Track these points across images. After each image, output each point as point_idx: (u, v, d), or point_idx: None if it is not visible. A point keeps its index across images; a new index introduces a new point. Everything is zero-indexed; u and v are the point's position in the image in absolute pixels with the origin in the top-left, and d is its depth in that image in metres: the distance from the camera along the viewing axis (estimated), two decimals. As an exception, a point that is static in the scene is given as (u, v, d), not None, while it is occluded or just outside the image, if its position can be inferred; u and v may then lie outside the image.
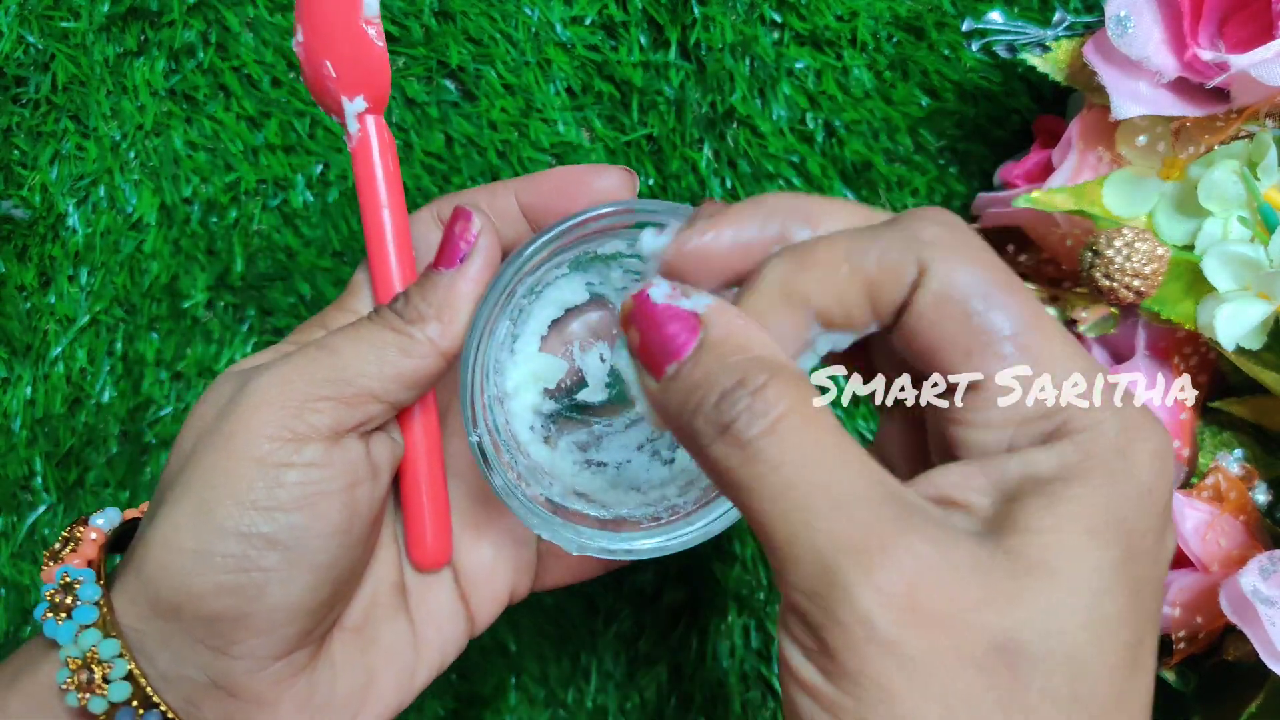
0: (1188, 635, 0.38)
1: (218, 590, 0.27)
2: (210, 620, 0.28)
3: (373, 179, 0.30)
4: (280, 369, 0.28)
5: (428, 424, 0.31)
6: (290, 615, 0.28)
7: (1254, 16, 0.36)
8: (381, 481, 0.30)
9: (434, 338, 0.29)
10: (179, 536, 0.27)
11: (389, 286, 0.31)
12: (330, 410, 0.28)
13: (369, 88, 0.30)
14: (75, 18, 0.45)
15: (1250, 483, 0.38)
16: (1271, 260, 0.36)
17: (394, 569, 0.32)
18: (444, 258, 0.30)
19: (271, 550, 0.27)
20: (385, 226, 0.30)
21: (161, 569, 0.28)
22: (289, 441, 0.28)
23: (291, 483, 0.27)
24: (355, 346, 0.29)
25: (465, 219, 0.30)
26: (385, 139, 0.30)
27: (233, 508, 0.27)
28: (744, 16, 0.46)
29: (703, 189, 0.46)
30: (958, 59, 0.46)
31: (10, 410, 0.45)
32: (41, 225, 0.45)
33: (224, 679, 0.28)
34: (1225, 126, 0.37)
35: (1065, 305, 0.40)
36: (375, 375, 0.28)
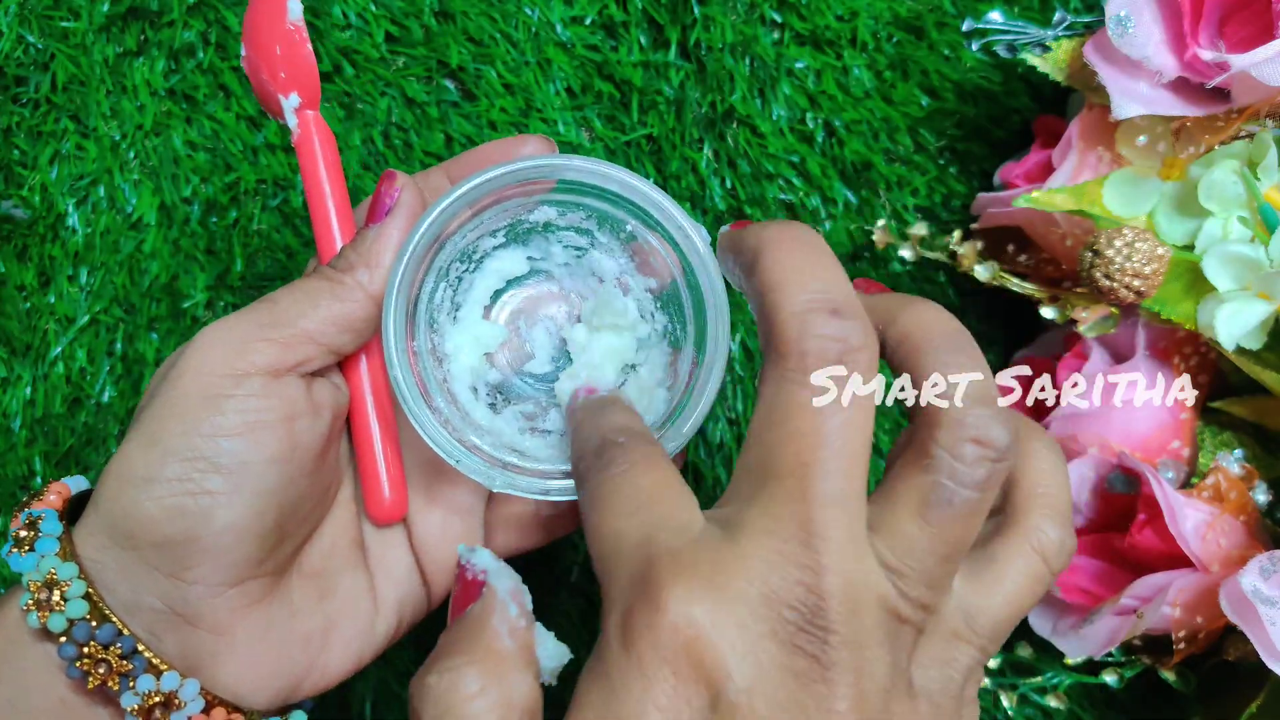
0: (1188, 635, 0.38)
1: (166, 514, 0.29)
2: (162, 545, 0.30)
3: (315, 166, 0.34)
4: (225, 319, 0.31)
5: (375, 379, 0.34)
6: (237, 538, 0.30)
7: (1254, 16, 0.36)
8: (323, 418, 0.32)
9: (363, 281, 0.32)
10: (130, 466, 0.30)
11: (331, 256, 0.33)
12: (269, 349, 0.31)
13: (300, 85, 0.33)
14: (75, 18, 0.45)
15: (1250, 483, 0.38)
16: (1271, 260, 0.36)
17: (353, 525, 0.35)
18: (372, 215, 0.33)
19: (215, 473, 0.30)
20: (329, 209, 0.34)
21: (115, 498, 0.30)
22: (229, 376, 0.30)
23: (232, 410, 0.30)
24: (292, 295, 0.32)
25: (389, 179, 0.33)
26: (323, 131, 0.34)
27: (178, 435, 0.30)
28: (744, 16, 0.46)
29: (703, 189, 0.46)
30: (958, 59, 0.46)
31: (10, 410, 0.45)
32: (41, 225, 0.45)
33: (181, 605, 0.30)
34: (1225, 126, 0.37)
35: (1065, 305, 0.40)
36: (310, 317, 0.31)
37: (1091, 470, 0.40)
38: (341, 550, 0.34)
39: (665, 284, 0.34)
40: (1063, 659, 0.40)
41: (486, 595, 0.26)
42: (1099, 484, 0.40)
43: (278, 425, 0.30)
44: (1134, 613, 0.38)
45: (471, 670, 0.24)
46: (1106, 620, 0.38)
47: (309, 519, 0.33)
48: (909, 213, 0.46)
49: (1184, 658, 0.38)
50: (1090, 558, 0.40)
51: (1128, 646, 0.40)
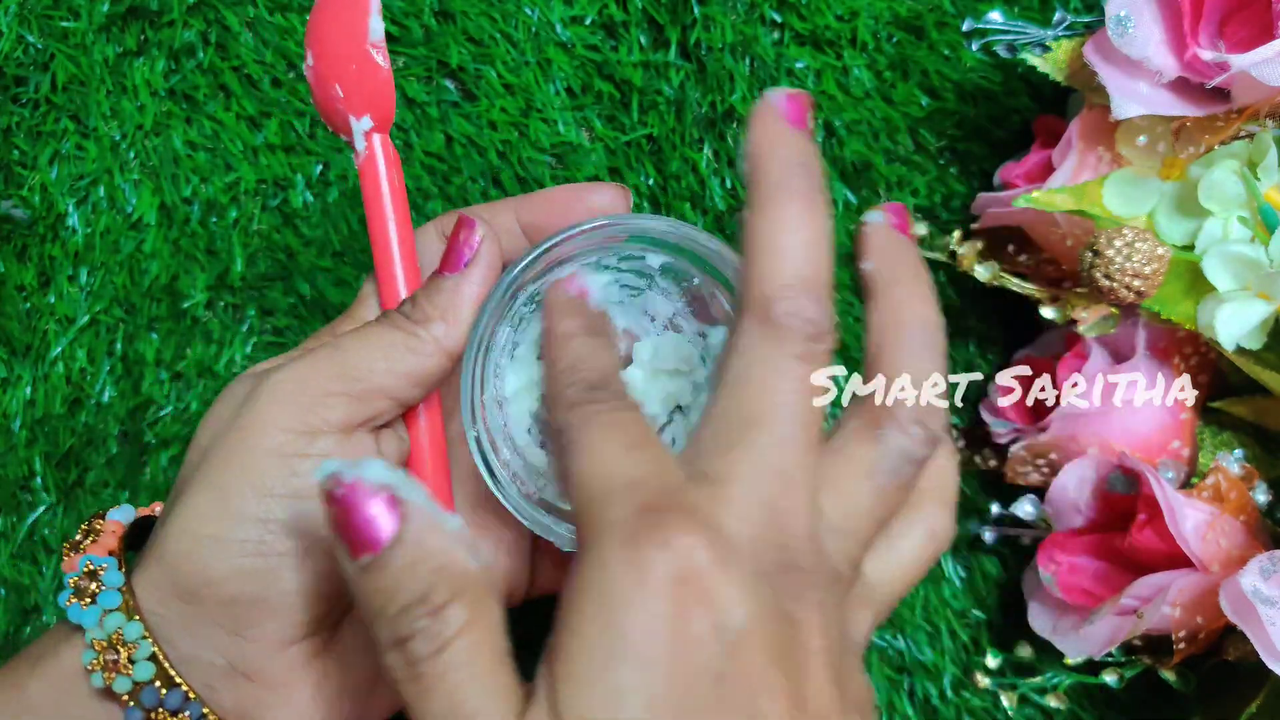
0: (1188, 635, 0.38)
1: (236, 574, 0.29)
2: (228, 604, 0.29)
3: (379, 194, 0.32)
4: (294, 367, 0.30)
5: (433, 424, 0.32)
6: (304, 599, 0.29)
7: (1254, 16, 0.36)
8: None
9: (439, 337, 0.30)
10: (199, 523, 0.29)
11: (395, 294, 0.32)
12: (342, 405, 0.29)
13: (375, 108, 0.31)
14: (75, 17, 0.45)
15: (1250, 483, 0.38)
16: (1271, 260, 0.36)
17: None
18: (448, 263, 0.31)
19: (287, 536, 0.29)
20: (391, 239, 0.32)
21: (182, 554, 0.29)
22: (303, 434, 0.29)
23: (306, 472, 0.29)
24: (365, 345, 0.30)
25: (469, 227, 0.32)
26: (390, 155, 0.32)
27: (250, 495, 0.29)
28: (744, 16, 0.46)
29: (703, 189, 0.46)
30: (958, 59, 0.46)
31: (10, 410, 0.45)
32: (41, 225, 0.45)
33: (241, 662, 0.29)
34: (1225, 126, 0.37)
35: (1065, 305, 0.40)
36: (384, 372, 0.30)
37: (1091, 470, 0.40)
38: None
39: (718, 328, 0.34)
40: (1063, 659, 0.40)
41: (413, 514, 0.23)
42: (1099, 484, 0.40)
43: None
44: (1134, 613, 0.38)
45: (458, 604, 0.23)
46: (1106, 620, 0.38)
47: None
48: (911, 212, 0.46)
49: (1184, 658, 0.38)
50: (1090, 558, 0.40)
51: (1128, 646, 0.40)
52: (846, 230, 0.46)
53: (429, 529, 0.23)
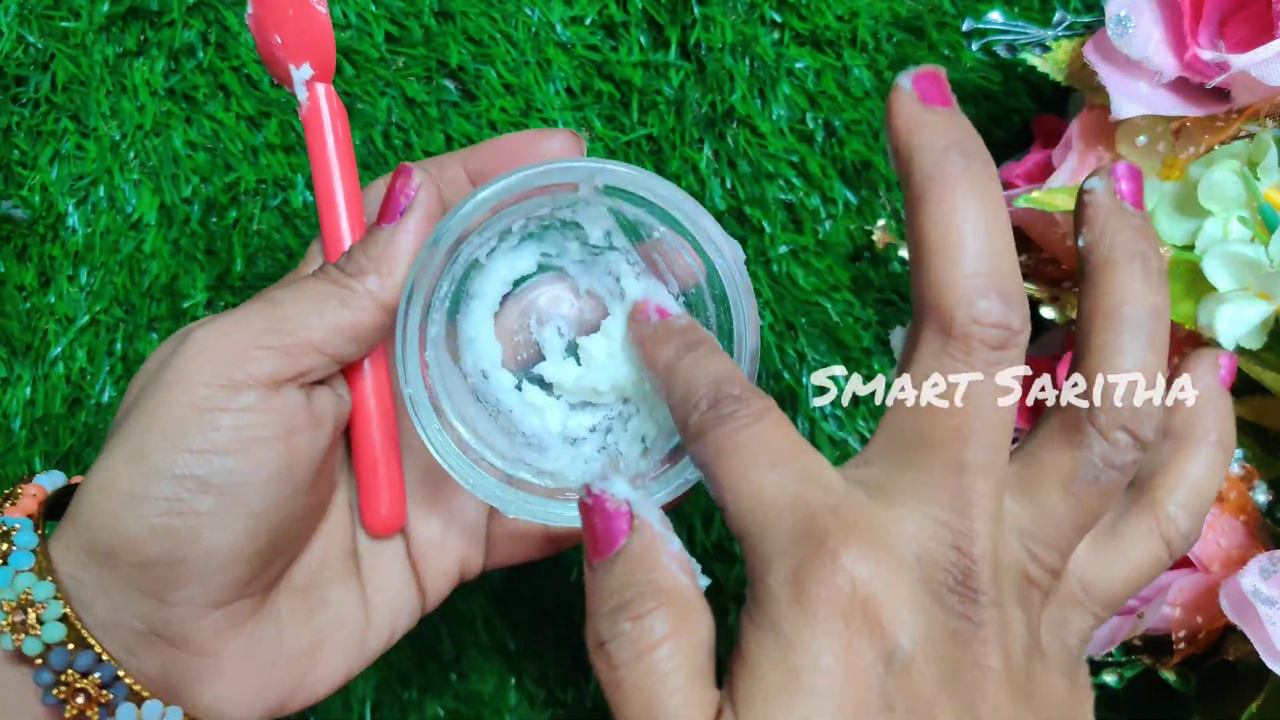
0: (1188, 635, 0.38)
1: (152, 534, 0.28)
2: (145, 565, 0.28)
3: (324, 146, 0.31)
4: (221, 321, 0.29)
5: (379, 385, 0.32)
6: (226, 561, 0.28)
7: (1254, 16, 0.36)
8: (323, 432, 0.30)
9: (373, 289, 0.29)
10: (113, 480, 0.28)
11: (339, 250, 0.31)
12: (268, 358, 0.28)
13: (314, 55, 0.31)
14: (75, 18, 0.45)
15: (1250, 483, 0.38)
16: (1271, 260, 0.36)
17: (346, 535, 0.33)
18: (385, 214, 0.30)
19: (205, 494, 0.28)
20: (336, 193, 0.31)
21: (95, 513, 0.28)
22: (225, 387, 0.28)
23: (226, 426, 0.28)
24: (296, 299, 0.29)
25: (405, 175, 0.30)
26: (335, 106, 0.31)
27: (167, 451, 0.28)
28: (744, 16, 0.46)
29: (703, 189, 0.46)
30: (958, 59, 0.46)
31: (10, 410, 0.45)
32: (41, 225, 0.45)
33: (163, 627, 0.28)
34: (1225, 126, 0.37)
35: (1065, 305, 0.40)
36: (315, 325, 0.29)
37: (1091, 470, 0.40)
38: (334, 562, 0.32)
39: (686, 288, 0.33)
40: (1063, 659, 0.40)
41: (642, 530, 0.24)
42: (1099, 484, 0.40)
43: (275, 441, 0.28)
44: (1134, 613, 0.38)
45: (661, 614, 0.23)
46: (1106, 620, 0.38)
47: (302, 535, 0.31)
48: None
49: (1184, 658, 0.38)
50: (1090, 558, 0.40)
51: (1128, 646, 0.40)
52: (846, 230, 0.46)
53: (653, 545, 0.24)
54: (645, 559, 0.24)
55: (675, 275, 0.33)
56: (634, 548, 0.24)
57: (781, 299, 0.46)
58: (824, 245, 0.46)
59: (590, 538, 0.25)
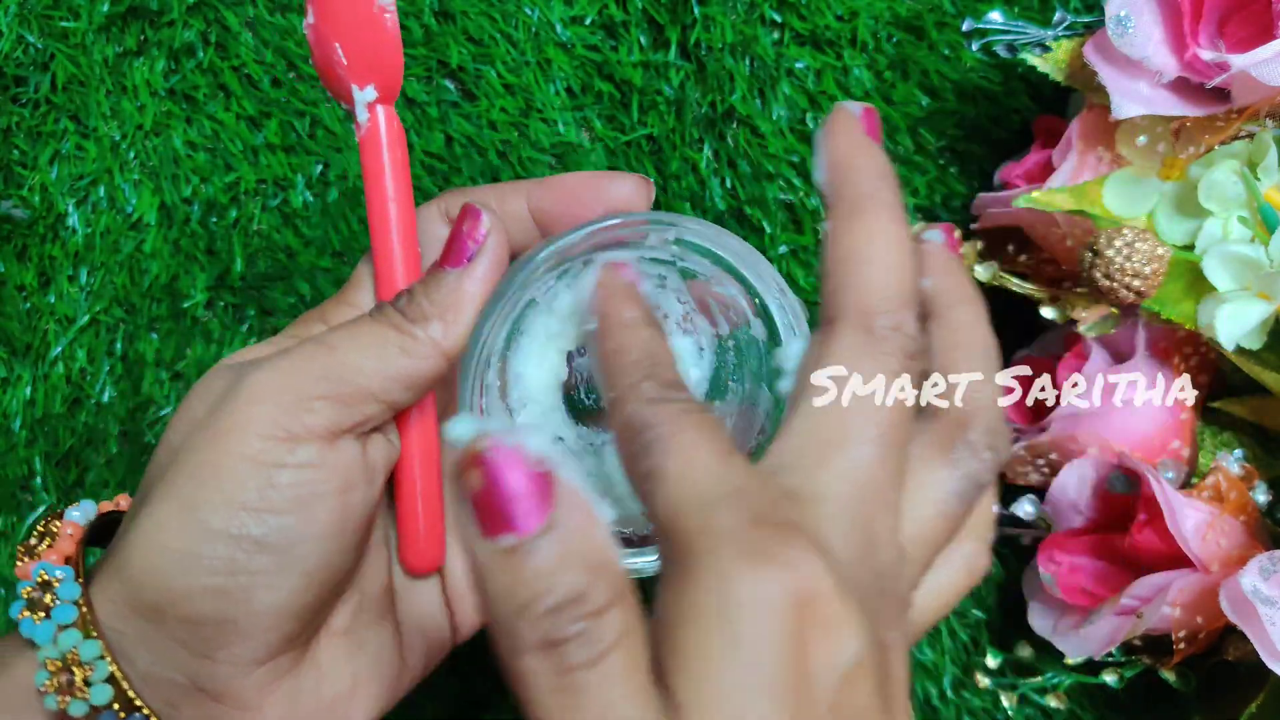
0: (1188, 635, 0.38)
1: (203, 593, 0.26)
2: (194, 623, 0.27)
3: (380, 171, 0.29)
4: (277, 364, 0.27)
5: (425, 426, 0.31)
6: (277, 620, 0.27)
7: (1254, 16, 0.36)
8: (376, 485, 0.29)
9: (436, 338, 0.28)
10: (164, 536, 0.26)
11: (392, 282, 0.30)
12: (327, 409, 0.27)
13: (380, 76, 0.29)
14: (75, 18, 0.45)
15: (1250, 483, 0.38)
16: (1271, 260, 0.36)
17: (383, 572, 0.32)
18: (451, 256, 0.29)
19: (261, 553, 0.26)
20: (391, 221, 0.29)
21: (145, 569, 0.27)
22: (283, 440, 0.26)
23: (284, 484, 0.26)
24: (355, 344, 0.28)
25: (474, 218, 0.29)
26: (395, 130, 0.29)
27: (222, 507, 0.26)
28: (744, 16, 0.46)
29: (703, 189, 0.46)
30: (958, 59, 0.46)
31: (10, 410, 0.45)
32: (41, 225, 0.45)
33: (206, 682, 0.27)
34: (1225, 126, 0.37)
35: (1065, 305, 0.40)
36: (375, 374, 0.27)
37: (1091, 470, 0.40)
38: (371, 602, 0.31)
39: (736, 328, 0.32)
40: (1063, 659, 0.40)
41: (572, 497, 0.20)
42: (1099, 484, 0.40)
43: (333, 498, 0.27)
44: (1134, 613, 0.38)
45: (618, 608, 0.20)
46: (1106, 620, 0.38)
47: (345, 584, 0.30)
48: (909, 213, 0.46)
49: (1184, 658, 0.38)
50: (1090, 558, 0.40)
51: (1128, 646, 0.40)
52: (846, 230, 0.46)
53: (585, 517, 0.20)
54: (582, 535, 0.20)
55: (726, 317, 0.32)
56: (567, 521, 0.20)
57: (781, 299, 0.46)
58: (824, 245, 0.46)
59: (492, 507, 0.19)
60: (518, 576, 0.19)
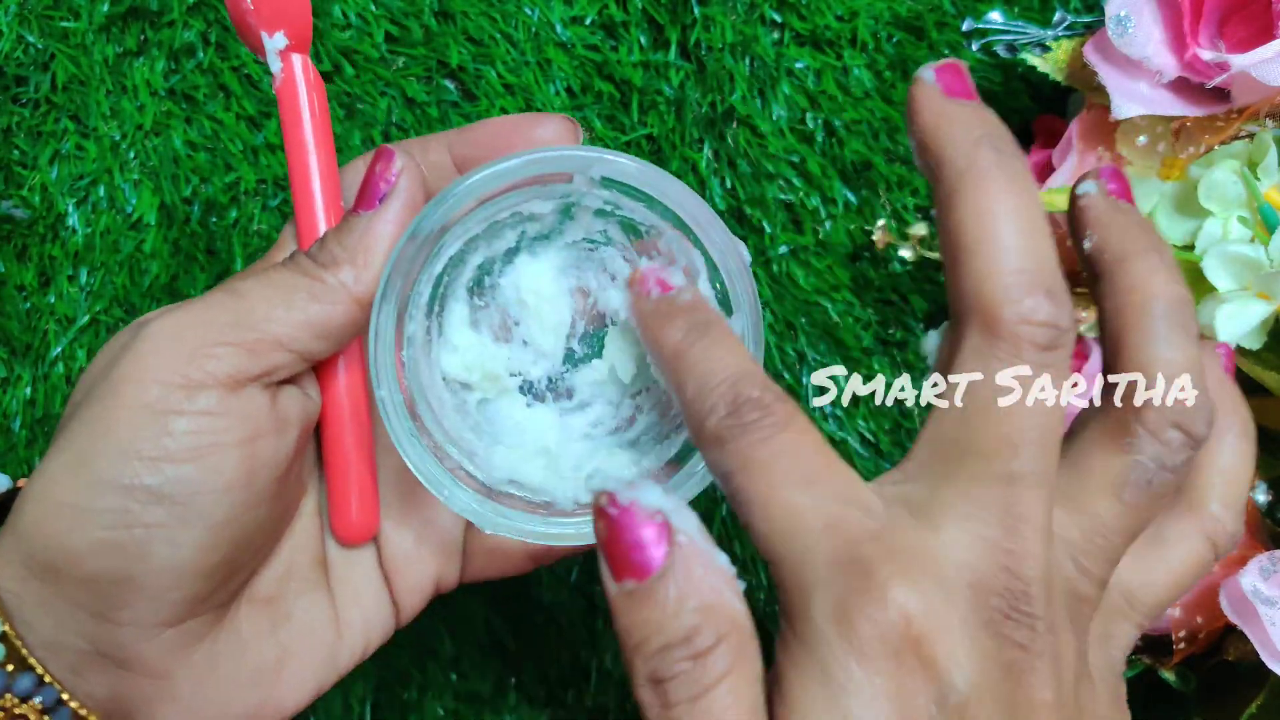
0: (1188, 635, 0.38)
1: (97, 548, 0.25)
2: (90, 582, 0.25)
3: (298, 121, 0.29)
4: (178, 313, 0.26)
5: (352, 384, 0.29)
6: (180, 577, 0.26)
7: (1254, 16, 0.36)
8: (288, 436, 0.28)
9: (347, 282, 0.27)
10: (55, 489, 0.25)
11: (313, 234, 0.29)
12: (229, 356, 0.26)
13: (290, 23, 0.28)
14: (75, 18, 0.45)
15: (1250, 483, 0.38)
16: (1271, 260, 0.36)
17: (315, 541, 0.31)
18: (363, 200, 0.28)
19: (157, 504, 0.25)
20: (311, 173, 0.29)
21: (36, 525, 0.25)
22: (181, 387, 0.25)
23: (181, 431, 0.25)
24: (262, 290, 0.27)
25: (386, 159, 0.28)
26: (311, 79, 0.29)
27: (114, 458, 0.25)
28: (744, 16, 0.46)
29: (703, 189, 0.46)
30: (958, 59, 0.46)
31: (10, 410, 0.45)
32: (41, 225, 0.45)
33: (110, 647, 0.26)
34: (1225, 126, 0.37)
35: (1065, 305, 0.40)
36: (282, 320, 0.26)
37: (1091, 470, 0.40)
38: (301, 571, 0.30)
39: None
40: (1063, 659, 0.40)
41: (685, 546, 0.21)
42: (1099, 484, 0.40)
43: (235, 448, 0.26)
44: (1134, 613, 0.38)
45: (723, 648, 0.20)
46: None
47: (265, 545, 0.29)
48: (909, 213, 0.46)
49: (1184, 658, 0.38)
50: (1090, 558, 0.40)
51: (1128, 646, 0.40)
52: (846, 230, 0.46)
53: (698, 562, 0.21)
54: (692, 581, 0.21)
55: None
56: (679, 568, 0.21)
57: (781, 299, 0.46)
58: (824, 245, 0.46)
59: (616, 556, 0.21)
60: (635, 617, 0.21)
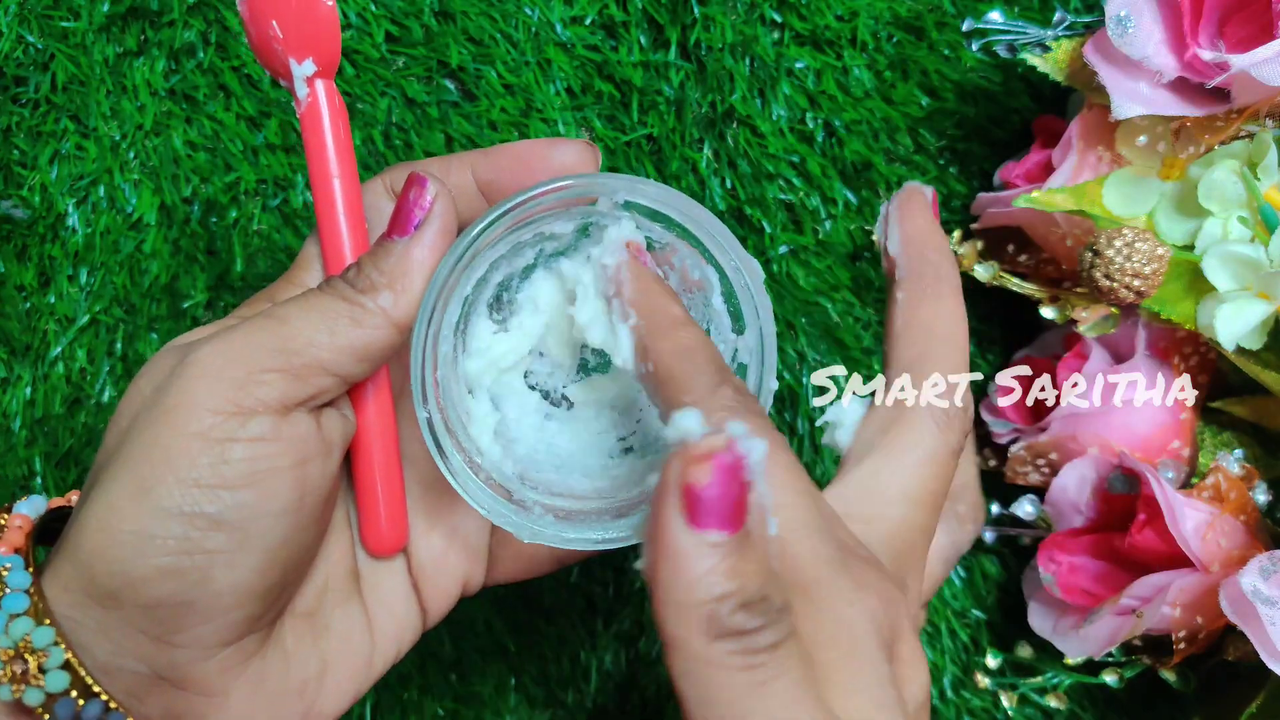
0: (1188, 635, 0.38)
1: (159, 575, 0.26)
2: (151, 607, 0.26)
3: (323, 147, 0.29)
4: (224, 339, 0.27)
5: (380, 402, 0.30)
6: (238, 599, 0.27)
7: (1254, 16, 0.36)
8: (333, 459, 0.28)
9: (386, 307, 0.28)
10: (116, 518, 0.26)
11: (340, 258, 0.30)
12: (278, 382, 0.27)
13: (318, 49, 0.28)
14: (75, 18, 0.45)
15: (1250, 483, 0.38)
16: (1271, 260, 0.36)
17: (347, 554, 0.31)
18: (398, 225, 0.29)
19: (217, 531, 0.26)
20: (336, 196, 0.29)
21: (97, 553, 0.26)
22: (234, 415, 0.26)
23: (238, 459, 0.26)
24: (304, 316, 0.27)
25: (420, 185, 0.29)
26: (336, 104, 0.29)
27: (174, 486, 0.26)
28: (744, 16, 0.46)
29: (703, 189, 0.46)
30: (958, 59, 0.46)
31: (10, 410, 0.45)
32: (41, 225, 0.45)
33: (168, 669, 0.27)
34: (1225, 126, 0.37)
35: (1065, 305, 0.40)
36: (326, 346, 0.27)
37: (1091, 470, 0.40)
38: (336, 584, 0.31)
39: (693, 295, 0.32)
40: (1063, 659, 0.40)
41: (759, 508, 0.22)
42: (1099, 484, 0.40)
43: (288, 472, 0.27)
44: (1134, 613, 0.38)
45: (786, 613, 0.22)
46: (1106, 620, 0.38)
47: (309, 562, 0.30)
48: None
49: (1184, 658, 0.38)
50: (1090, 558, 0.40)
51: (1128, 646, 0.40)
52: (846, 230, 0.46)
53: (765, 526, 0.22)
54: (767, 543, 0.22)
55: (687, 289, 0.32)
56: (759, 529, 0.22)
57: (781, 299, 0.46)
58: (824, 245, 0.46)
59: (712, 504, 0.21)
60: (718, 567, 0.21)
